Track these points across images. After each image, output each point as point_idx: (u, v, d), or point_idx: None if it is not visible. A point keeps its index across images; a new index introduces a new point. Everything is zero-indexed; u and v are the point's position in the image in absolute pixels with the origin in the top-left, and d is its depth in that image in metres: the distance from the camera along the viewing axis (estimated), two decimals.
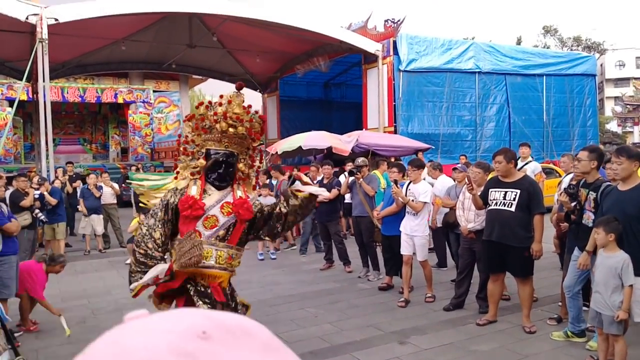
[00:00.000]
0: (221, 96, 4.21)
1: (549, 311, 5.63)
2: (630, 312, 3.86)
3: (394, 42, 14.66)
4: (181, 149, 4.31)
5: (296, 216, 4.21)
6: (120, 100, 22.22)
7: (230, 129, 4.02)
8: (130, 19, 12.98)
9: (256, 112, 4.26)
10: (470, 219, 5.69)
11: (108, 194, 10.66)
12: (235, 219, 4.00)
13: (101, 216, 10.38)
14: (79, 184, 11.79)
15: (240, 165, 4.18)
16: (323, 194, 4.19)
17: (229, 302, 4.15)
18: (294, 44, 16.44)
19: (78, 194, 11.12)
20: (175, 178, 4.37)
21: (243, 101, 4.15)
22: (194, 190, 4.04)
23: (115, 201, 10.90)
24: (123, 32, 14.71)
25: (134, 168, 13.41)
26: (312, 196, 4.15)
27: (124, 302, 6.62)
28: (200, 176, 4.12)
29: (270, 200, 4.15)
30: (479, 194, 5.30)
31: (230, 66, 19.26)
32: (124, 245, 10.13)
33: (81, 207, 10.36)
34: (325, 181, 8.53)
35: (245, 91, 4.37)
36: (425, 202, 6.15)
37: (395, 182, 6.31)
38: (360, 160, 8.30)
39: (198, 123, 4.14)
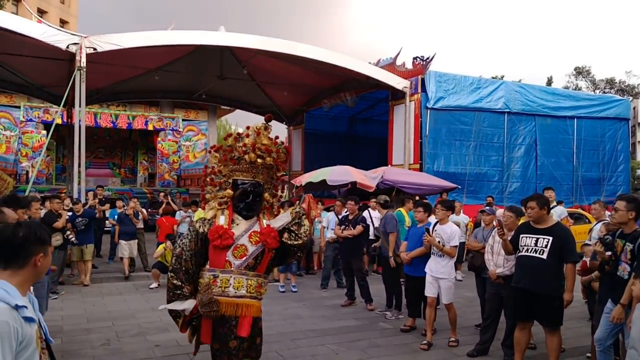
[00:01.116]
0: (248, 127, 4.31)
1: None
2: None
3: (422, 80, 14.68)
4: (207, 179, 4.39)
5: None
6: (150, 128, 22.72)
7: (259, 160, 4.12)
8: (164, 50, 13.34)
9: (282, 142, 4.35)
10: (499, 263, 5.57)
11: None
12: (263, 247, 4.05)
13: (136, 241, 10.59)
14: (107, 207, 12.00)
15: (266, 195, 4.26)
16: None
17: (253, 337, 4.11)
18: (322, 79, 16.64)
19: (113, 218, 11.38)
20: (203, 208, 4.43)
21: (270, 132, 4.27)
22: (222, 220, 4.09)
23: (142, 226, 11.04)
24: (157, 62, 15.13)
25: (162, 194, 13.55)
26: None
27: (147, 326, 6.71)
28: (228, 206, 4.18)
29: (282, 220, 4.26)
30: (509, 238, 5.22)
31: (258, 98, 19.56)
32: (148, 269, 10.21)
33: (116, 232, 10.47)
34: (350, 217, 8.50)
35: (272, 123, 4.52)
36: (456, 246, 6.11)
37: (428, 231, 6.25)
38: (382, 197, 8.29)
39: (226, 154, 4.22)
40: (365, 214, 9.72)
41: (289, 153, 4.58)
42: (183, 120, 23.45)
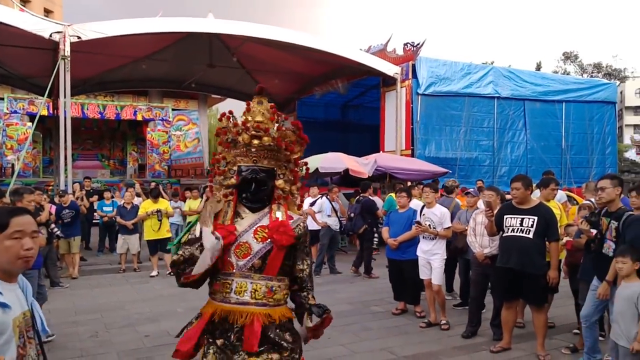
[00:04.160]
0: (248, 103, 3.62)
1: (563, 340, 5.53)
2: None
3: (413, 66, 14.68)
4: (214, 168, 3.68)
5: None
6: (139, 118, 22.48)
7: (254, 141, 3.43)
8: (151, 38, 13.17)
9: (286, 118, 3.68)
10: (484, 244, 5.62)
11: None
12: (271, 245, 3.26)
13: (137, 235, 10.13)
14: (95, 198, 11.89)
15: (279, 182, 3.50)
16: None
17: (263, 353, 3.04)
18: (313, 66, 16.54)
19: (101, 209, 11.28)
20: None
21: (267, 108, 3.55)
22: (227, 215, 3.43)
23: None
24: (144, 50, 14.93)
25: (153, 184, 13.44)
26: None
27: (137, 317, 6.66)
28: (233, 197, 3.50)
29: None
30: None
31: (249, 86, 19.37)
32: (139, 261, 10.15)
33: (123, 222, 10.01)
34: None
35: None
36: (450, 228, 6.21)
37: (419, 223, 6.25)
38: (449, 182, 8.56)
39: (222, 138, 3.59)
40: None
41: (301, 129, 3.72)
42: (173, 109, 23.22)
